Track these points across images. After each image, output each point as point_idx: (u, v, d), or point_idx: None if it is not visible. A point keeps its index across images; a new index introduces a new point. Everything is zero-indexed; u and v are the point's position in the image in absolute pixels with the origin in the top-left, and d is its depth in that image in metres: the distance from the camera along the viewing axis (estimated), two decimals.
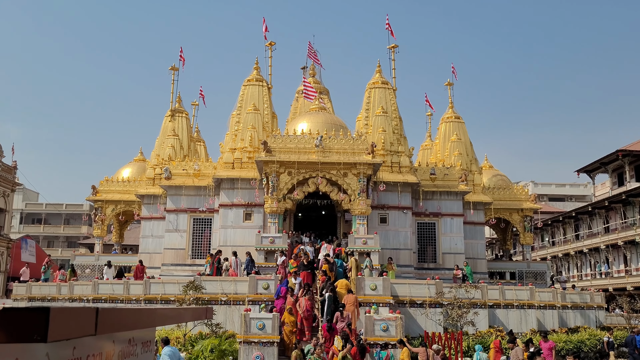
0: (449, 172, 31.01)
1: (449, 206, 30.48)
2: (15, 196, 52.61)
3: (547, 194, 66.89)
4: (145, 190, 32.49)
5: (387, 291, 21.26)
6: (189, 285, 21.03)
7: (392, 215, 28.75)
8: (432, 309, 21.86)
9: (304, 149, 26.57)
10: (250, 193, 28.04)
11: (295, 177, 26.02)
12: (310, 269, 21.80)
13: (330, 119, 32.02)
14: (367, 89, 31.17)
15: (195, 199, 30.23)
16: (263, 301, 20.70)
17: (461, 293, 21.89)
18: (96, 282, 24.46)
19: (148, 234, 32.15)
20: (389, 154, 29.41)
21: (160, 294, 22.80)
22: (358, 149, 26.58)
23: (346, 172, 26.09)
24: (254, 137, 29.24)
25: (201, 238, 30.26)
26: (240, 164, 29.01)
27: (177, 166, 30.84)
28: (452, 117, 34.66)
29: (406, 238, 28.60)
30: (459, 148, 33.42)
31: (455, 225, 30.31)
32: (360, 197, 25.80)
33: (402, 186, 28.60)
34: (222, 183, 28.81)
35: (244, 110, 30.09)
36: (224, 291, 22.10)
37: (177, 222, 30.19)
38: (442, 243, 30.20)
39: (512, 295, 23.43)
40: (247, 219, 28.35)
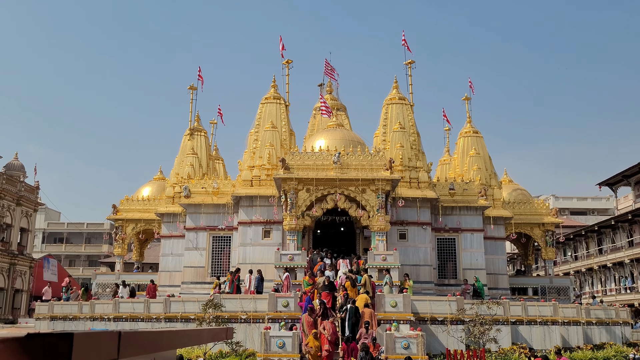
0: (468, 187, 30.83)
1: (468, 221, 30.25)
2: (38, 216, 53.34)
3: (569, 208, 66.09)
4: (165, 209, 32.74)
5: (407, 308, 21.09)
6: (209, 304, 21.06)
7: (411, 231, 28.60)
8: (454, 325, 21.61)
9: (322, 165, 26.62)
10: (269, 210, 28.11)
11: (314, 194, 26.06)
12: (330, 289, 21.57)
13: (347, 135, 32.08)
14: (384, 105, 31.21)
15: (215, 216, 30.37)
16: (283, 319, 20.64)
17: (483, 309, 21.62)
18: (117, 300, 24.61)
19: (168, 252, 32.33)
20: (407, 170, 29.34)
21: (180, 313, 22.84)
22: (376, 165, 26.57)
23: (364, 188, 26.06)
24: (272, 154, 29.39)
25: (220, 256, 30.34)
26: (259, 182, 29.14)
27: (196, 184, 31.06)
28: (470, 132, 34.54)
29: (426, 254, 28.40)
30: (477, 162, 33.25)
31: (475, 241, 30.05)
32: (379, 213, 25.73)
33: (421, 202, 28.48)
34: (241, 201, 28.93)
35: (262, 128, 30.28)
36: (243, 309, 22.10)
37: (197, 240, 30.34)
38: (462, 259, 29.93)
39: (535, 311, 23.09)
40: (266, 236, 28.39)
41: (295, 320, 20.59)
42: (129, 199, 36.74)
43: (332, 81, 38.99)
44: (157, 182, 39.05)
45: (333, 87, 39.50)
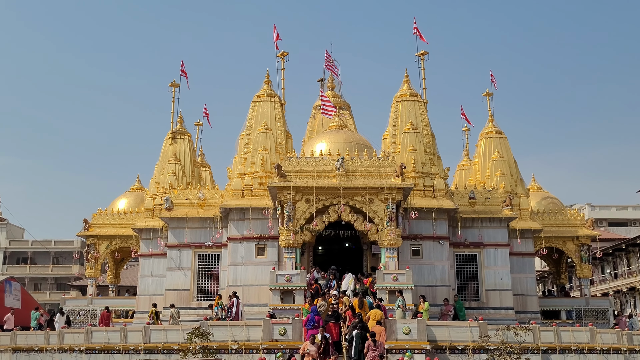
0: (491, 195, 30.84)
1: (492, 235, 30.24)
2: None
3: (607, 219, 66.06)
4: (143, 224, 32.77)
5: (422, 335, 21.04)
6: (195, 332, 21.02)
7: (426, 246, 28.58)
8: (476, 355, 21.54)
9: (323, 172, 26.66)
10: (263, 224, 28.13)
11: (314, 204, 26.09)
12: (336, 319, 21.42)
13: (352, 137, 32.12)
14: (393, 103, 31.26)
15: (201, 232, 30.38)
16: (280, 349, 20.61)
17: (509, 336, 21.58)
18: (89, 329, 24.57)
19: (147, 273, 32.33)
20: (421, 176, 29.37)
21: (162, 342, 22.81)
22: (385, 171, 26.61)
23: (372, 198, 26.08)
24: (266, 160, 29.44)
25: (208, 277, 30.34)
26: (251, 192, 29.17)
27: (180, 195, 31.10)
28: (492, 132, 34.58)
29: (443, 273, 28.37)
30: (501, 167, 33.28)
31: (500, 257, 30.02)
32: (389, 226, 25.74)
33: (437, 213, 28.49)
34: (231, 213, 28.93)
35: (254, 130, 30.35)
36: (234, 338, 22.06)
37: (180, 259, 30.35)
38: (485, 278, 29.89)
39: (569, 337, 23.02)
40: (259, 254, 28.38)
41: (293, 350, 20.55)
42: (103, 212, 36.79)
43: (334, 76, 39.11)
44: (134, 193, 39.09)
45: (335, 82, 39.61)
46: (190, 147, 35.29)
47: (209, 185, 35.78)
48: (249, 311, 27.09)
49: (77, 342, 24.48)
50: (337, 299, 22.90)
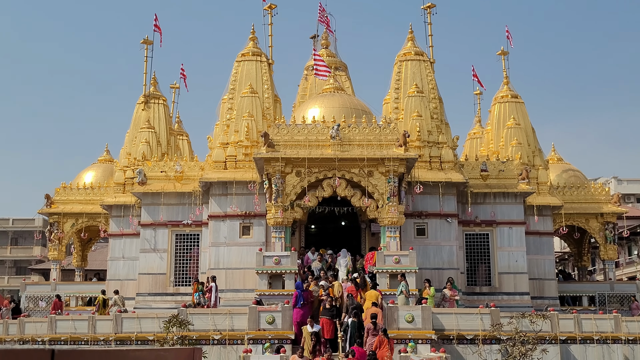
0: (505, 167, 30.92)
1: (506, 212, 30.39)
2: None
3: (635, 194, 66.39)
4: (113, 200, 32.75)
5: (427, 324, 21.24)
6: (172, 321, 21.14)
7: (432, 225, 28.72)
8: (487, 345, 21.78)
9: (316, 141, 26.62)
10: (249, 200, 28.16)
11: (306, 178, 26.08)
12: (332, 316, 21.48)
13: (349, 102, 32.04)
14: (396, 63, 31.15)
15: (178, 209, 30.41)
16: (267, 339, 20.78)
17: (525, 325, 21.81)
18: (53, 318, 24.69)
19: (118, 256, 32.41)
20: (427, 146, 29.39)
21: (136, 332, 22.96)
22: (386, 140, 26.59)
23: (371, 170, 26.09)
24: (252, 127, 29.37)
25: (187, 259, 30.43)
26: (235, 163, 29.14)
27: (154, 167, 31.05)
28: (507, 96, 34.56)
29: (451, 254, 28.55)
30: (517, 136, 33.32)
31: (514, 237, 30.21)
32: (390, 202, 25.79)
33: (444, 187, 28.57)
34: (212, 188, 28.93)
35: (237, 94, 30.23)
36: (216, 327, 22.21)
37: (155, 240, 30.41)
38: (498, 260, 30.11)
39: (591, 326, 23.27)
40: (244, 233, 28.46)
41: (283, 340, 20.73)
42: (67, 187, 36.72)
43: (329, 32, 38.84)
44: (102, 165, 38.99)
45: (330, 40, 39.33)
46: (166, 113, 35.16)
47: (187, 156, 35.69)
48: (233, 297, 27.27)
49: (40, 332, 24.62)
50: (326, 288, 22.81)
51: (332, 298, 21.90)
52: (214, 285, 25.84)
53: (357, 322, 20.45)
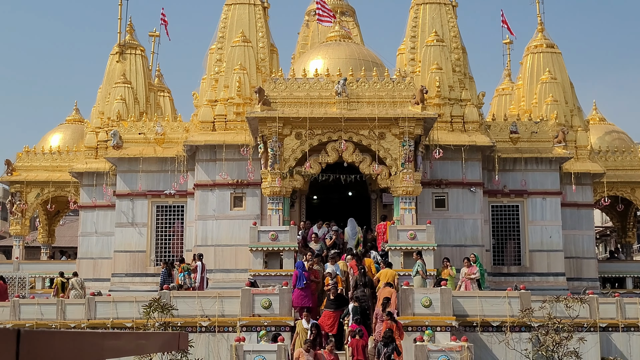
0: (538, 128, 30.84)
1: (539, 180, 30.39)
2: None
3: None
4: (84, 166, 32.74)
5: (447, 308, 21.32)
6: (153, 305, 21.26)
7: (453, 195, 28.75)
8: (516, 333, 21.89)
9: (319, 98, 26.54)
10: (241, 166, 28.17)
11: (307, 141, 26.05)
12: (338, 305, 21.45)
13: (357, 52, 31.88)
14: (412, 6, 30.93)
15: (159, 176, 30.44)
16: (263, 326, 20.89)
17: (559, 310, 21.87)
18: (16, 302, 24.84)
19: (90, 231, 32.48)
20: (448, 104, 29.30)
21: (111, 318, 23.08)
22: (400, 96, 26.49)
23: (383, 132, 26.04)
24: (244, 82, 29.27)
25: (169, 235, 30.54)
26: (225, 124, 29.10)
27: (131, 128, 31.02)
28: (542, 46, 34.35)
29: (475, 229, 28.61)
30: (553, 92, 33.19)
31: (549, 209, 30.24)
32: (404, 168, 25.77)
33: (468, 152, 28.53)
34: (199, 152, 28.94)
35: (227, 43, 30.07)
36: (204, 312, 22.33)
37: (133, 212, 30.49)
38: (529, 236, 30.17)
39: (636, 312, 23.36)
40: (236, 205, 28.52)
41: (280, 327, 20.85)
42: (31, 151, 36.74)
43: None
44: (71, 126, 38.98)
45: None
46: (144, 66, 35.02)
47: (170, 115, 35.66)
48: (223, 278, 27.42)
49: (2, 318, 24.76)
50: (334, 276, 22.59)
51: (336, 288, 21.68)
52: (200, 264, 25.85)
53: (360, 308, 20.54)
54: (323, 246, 25.34)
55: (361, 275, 22.07)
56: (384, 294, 20.76)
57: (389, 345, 18.42)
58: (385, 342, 18.46)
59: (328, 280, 22.19)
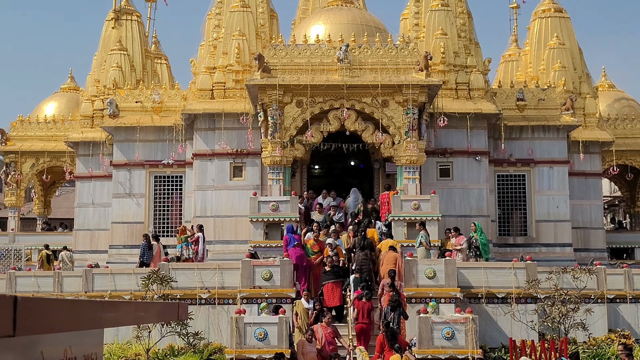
0: (546, 95, 30.76)
1: (546, 148, 30.36)
2: None
3: None
4: (80, 136, 32.72)
5: (451, 280, 21.39)
6: (152, 277, 21.36)
7: (458, 164, 28.75)
8: (522, 305, 21.97)
9: (320, 65, 26.45)
10: (240, 135, 28.14)
11: (309, 109, 26.00)
12: (336, 277, 21.41)
13: (360, 17, 31.71)
14: None
15: (157, 146, 30.43)
16: (264, 298, 21.00)
17: (566, 281, 21.93)
18: (12, 274, 24.98)
19: (87, 202, 32.52)
20: (453, 70, 29.21)
21: (109, 291, 23.19)
22: (404, 63, 26.40)
23: (386, 99, 25.98)
24: (244, 48, 29.16)
25: (168, 206, 30.58)
26: (224, 92, 29.04)
27: (128, 97, 30.97)
28: (550, 10, 34.14)
29: (480, 199, 28.65)
30: (561, 58, 33.03)
31: (555, 178, 30.23)
32: (408, 137, 25.76)
33: (473, 119, 28.48)
34: (197, 121, 28.90)
35: (226, 8, 29.92)
36: (204, 285, 22.43)
37: (131, 183, 30.52)
38: (535, 206, 30.19)
39: None
40: (236, 175, 28.54)
41: (282, 299, 20.96)
42: (25, 120, 36.70)
43: None
44: (66, 94, 38.88)
45: None
46: (141, 32, 34.86)
47: (167, 83, 35.59)
48: (223, 250, 27.51)
49: None
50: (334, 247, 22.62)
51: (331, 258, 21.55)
52: (200, 235, 25.93)
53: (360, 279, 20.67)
54: (327, 218, 25.36)
55: (361, 239, 22.08)
56: (389, 259, 20.92)
57: (396, 310, 18.56)
58: (393, 307, 18.59)
59: (327, 251, 22.20)
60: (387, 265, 20.96)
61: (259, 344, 18.61)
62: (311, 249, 22.62)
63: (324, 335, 18.64)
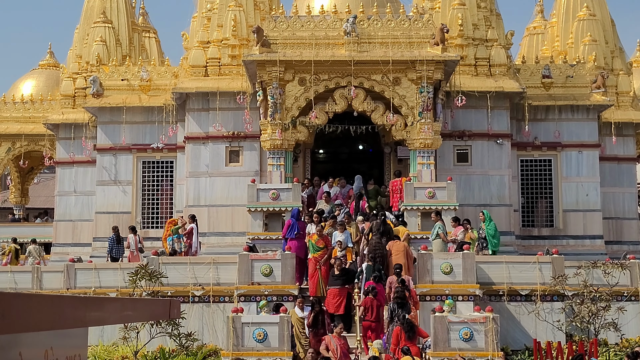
0: (575, 72, 30.66)
1: (574, 131, 30.30)
2: None
3: None
4: (60, 117, 32.70)
5: (470, 275, 21.39)
6: (140, 272, 21.40)
7: (477, 148, 28.72)
8: (547, 303, 21.99)
9: (325, 39, 26.39)
10: (237, 117, 28.13)
11: (312, 87, 25.97)
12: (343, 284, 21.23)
13: None
14: None
15: (145, 128, 30.43)
16: (263, 295, 21.01)
17: (596, 277, 21.93)
18: None
19: (68, 190, 32.52)
20: (472, 45, 29.12)
21: (93, 287, 23.24)
22: (418, 36, 26.33)
23: (398, 76, 25.94)
24: (241, 20, 29.10)
25: (158, 194, 30.58)
26: (219, 68, 29.00)
27: (113, 74, 30.92)
28: None
29: (502, 186, 28.62)
30: (591, 31, 32.94)
31: (585, 163, 30.18)
32: (422, 118, 25.72)
33: (494, 99, 28.42)
34: (190, 101, 28.89)
35: None
36: (197, 281, 22.46)
37: (116, 169, 30.50)
38: (563, 193, 30.15)
39: None
40: (232, 160, 28.52)
41: (283, 296, 20.97)
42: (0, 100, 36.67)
43: None
44: (45, 71, 38.90)
45: None
46: (127, 3, 34.78)
47: (156, 59, 35.49)
48: (219, 243, 27.56)
49: None
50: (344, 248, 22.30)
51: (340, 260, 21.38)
52: (193, 227, 25.87)
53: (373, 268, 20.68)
54: (334, 208, 25.26)
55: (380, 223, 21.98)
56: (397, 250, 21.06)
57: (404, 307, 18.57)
58: (400, 303, 18.58)
59: (336, 251, 22.07)
60: (396, 256, 21.00)
61: (258, 346, 18.61)
62: (315, 245, 22.12)
63: (338, 346, 18.34)
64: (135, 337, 19.99)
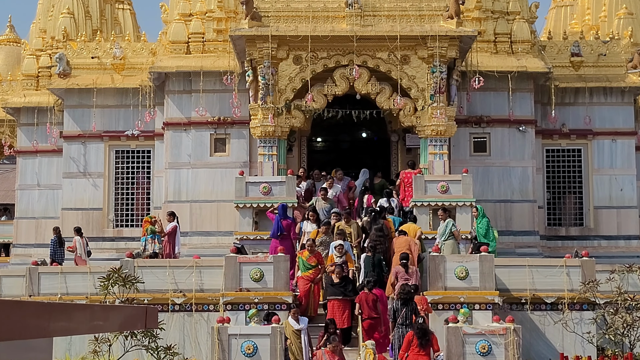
0: (608, 49, 30.64)
1: (607, 116, 30.30)
2: None
3: None
4: (21, 100, 32.68)
5: (488, 281, 21.38)
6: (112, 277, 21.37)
7: (497, 136, 28.73)
8: (576, 312, 21.99)
9: (324, 11, 26.39)
10: (224, 100, 28.12)
11: (309, 66, 25.96)
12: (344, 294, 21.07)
13: None
14: None
15: (119, 113, 30.42)
16: (253, 303, 21.02)
17: (632, 282, 21.93)
18: None
19: (31, 183, 32.50)
20: (491, 18, 29.12)
21: (59, 294, 23.22)
22: (429, 9, 26.34)
23: (407, 54, 25.93)
24: None
25: (133, 188, 30.56)
26: (202, 45, 28.99)
27: (81, 51, 30.87)
28: None
29: (525, 180, 28.63)
30: (627, 2, 32.97)
31: (620, 153, 30.18)
32: (434, 102, 25.70)
33: (516, 80, 28.39)
34: (169, 82, 28.88)
35: None
36: (178, 287, 22.46)
37: (86, 159, 30.45)
38: (594, 188, 30.16)
39: None
40: (218, 149, 28.52)
41: (276, 305, 20.96)
42: None
43: None
44: (4, 48, 38.88)
45: None
46: None
47: (131, 34, 35.48)
48: (202, 243, 27.55)
49: None
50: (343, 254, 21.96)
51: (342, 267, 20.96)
52: (176, 225, 25.80)
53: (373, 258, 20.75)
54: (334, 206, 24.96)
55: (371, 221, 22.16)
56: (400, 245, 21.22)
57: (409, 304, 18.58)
58: (404, 300, 18.59)
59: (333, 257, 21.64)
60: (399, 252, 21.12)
61: None
62: (307, 263, 21.82)
63: None
64: (107, 350, 19.97)
